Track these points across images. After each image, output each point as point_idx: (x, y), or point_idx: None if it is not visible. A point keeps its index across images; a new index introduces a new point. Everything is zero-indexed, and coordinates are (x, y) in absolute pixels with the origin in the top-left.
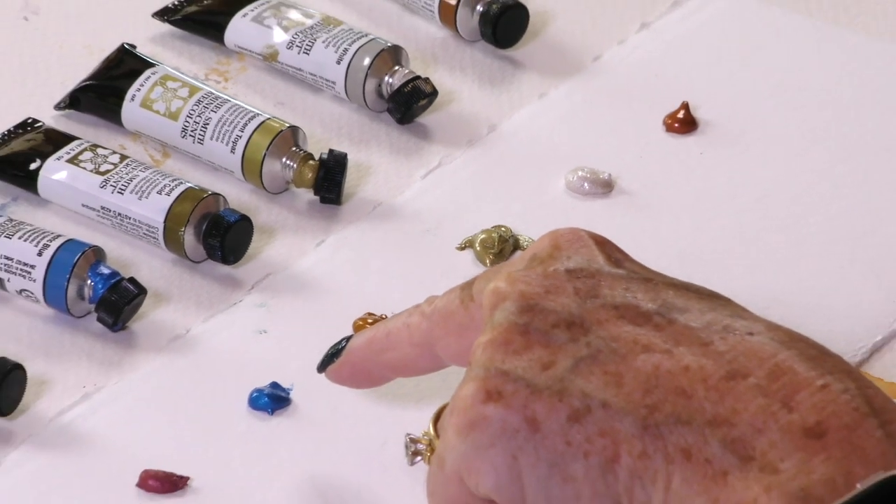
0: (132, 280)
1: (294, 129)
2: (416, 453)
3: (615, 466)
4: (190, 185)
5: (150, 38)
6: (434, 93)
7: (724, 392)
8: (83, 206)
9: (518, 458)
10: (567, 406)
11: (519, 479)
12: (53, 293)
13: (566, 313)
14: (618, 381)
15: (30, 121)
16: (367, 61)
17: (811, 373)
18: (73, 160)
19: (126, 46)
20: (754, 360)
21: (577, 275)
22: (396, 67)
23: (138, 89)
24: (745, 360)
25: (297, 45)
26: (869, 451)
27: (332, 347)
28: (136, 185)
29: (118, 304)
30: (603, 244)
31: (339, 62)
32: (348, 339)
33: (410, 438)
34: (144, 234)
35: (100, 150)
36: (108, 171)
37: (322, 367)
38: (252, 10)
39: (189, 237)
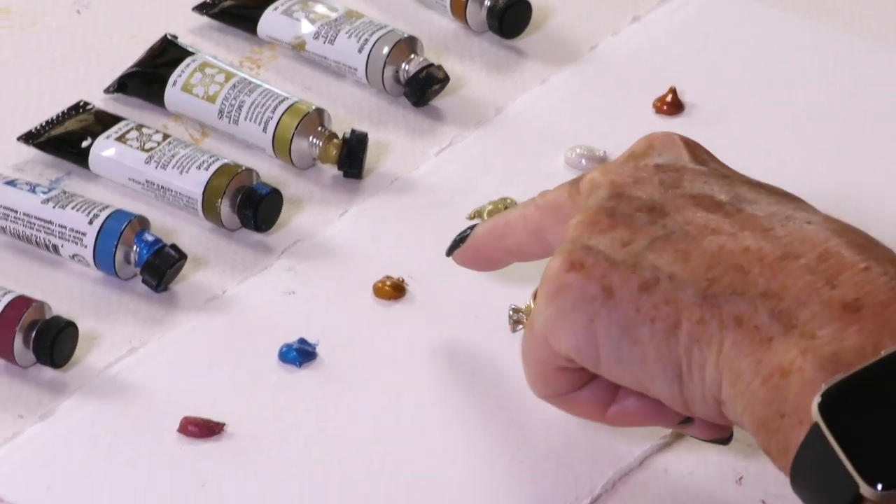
0: (174, 246)
1: (320, 111)
2: (517, 322)
3: (677, 331)
4: (226, 161)
5: (191, 29)
6: (446, 79)
7: (776, 270)
8: (129, 179)
9: (594, 322)
10: (639, 277)
11: (594, 341)
12: (103, 258)
13: (649, 200)
14: (686, 258)
15: (82, 103)
16: (385, 50)
17: (856, 257)
18: (121, 139)
19: (169, 37)
20: (807, 245)
21: (663, 169)
22: (412, 56)
23: (179, 75)
24: (799, 244)
25: (323, 36)
26: None
27: (459, 234)
28: (177, 161)
29: (161, 267)
30: (691, 146)
31: (360, 51)
32: (472, 227)
33: (513, 309)
34: (185, 205)
35: (145, 130)
36: (152, 149)
37: (450, 251)
38: (282, 5)
39: (225, 208)
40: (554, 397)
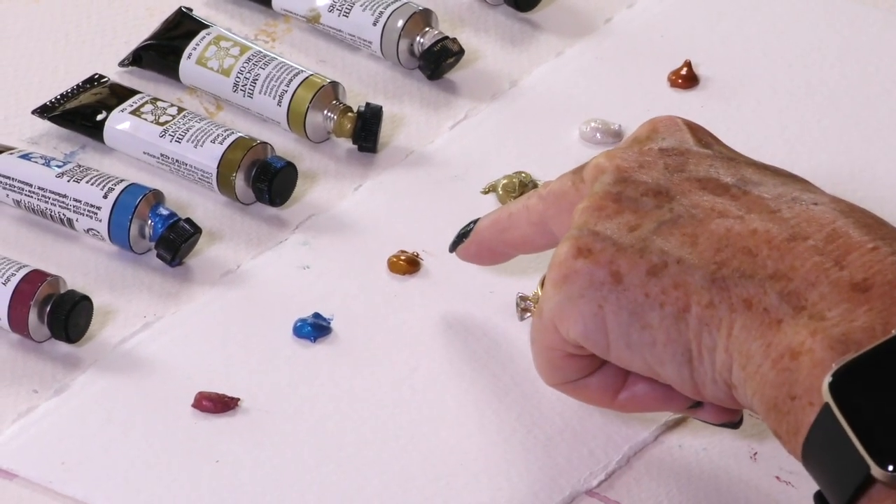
0: (188, 220)
1: (334, 85)
2: (524, 310)
3: (686, 315)
4: (240, 134)
5: (205, 2)
6: (461, 52)
7: (784, 251)
8: (144, 153)
9: (603, 308)
10: (647, 262)
11: (603, 326)
12: (117, 232)
13: (654, 184)
14: (693, 241)
15: (97, 76)
16: (400, 23)
17: (864, 237)
18: (136, 112)
19: (183, 10)
20: (815, 226)
21: (668, 153)
22: (427, 29)
23: (194, 48)
24: (807, 225)
25: (338, 9)
26: None
27: (462, 229)
28: (192, 135)
29: (176, 241)
30: (695, 129)
31: (375, 24)
32: (475, 221)
33: (521, 297)
34: (199, 178)
35: (159, 103)
36: (166, 122)
37: (453, 247)
38: None
39: (240, 182)
40: (563, 384)
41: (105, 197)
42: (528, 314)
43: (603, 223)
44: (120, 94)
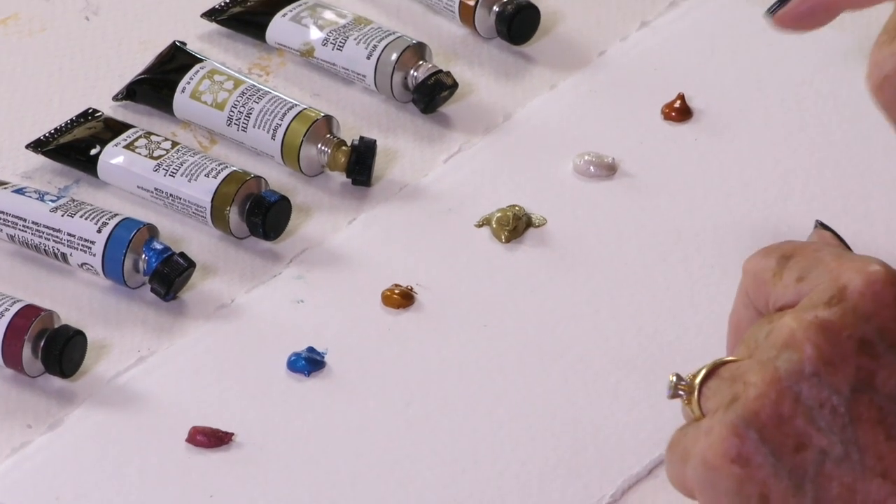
0: (182, 254)
1: (328, 118)
2: (676, 395)
3: None
4: (234, 168)
5: (199, 36)
6: (455, 85)
7: None
8: (138, 187)
9: None
10: (797, 502)
11: None
12: (111, 266)
13: (836, 395)
14: (849, 499)
15: (91, 110)
16: (394, 56)
17: None
18: (130, 146)
19: (177, 43)
20: None
21: (866, 350)
22: (421, 62)
23: (188, 82)
24: None
25: (332, 42)
26: None
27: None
28: (185, 169)
29: (170, 276)
30: None
31: (368, 57)
32: None
33: (676, 376)
34: (193, 212)
35: (153, 137)
36: (160, 156)
37: (774, 9)
38: (291, 11)
39: (234, 215)
40: None
41: (99, 231)
42: (678, 399)
43: (769, 427)
44: (114, 128)
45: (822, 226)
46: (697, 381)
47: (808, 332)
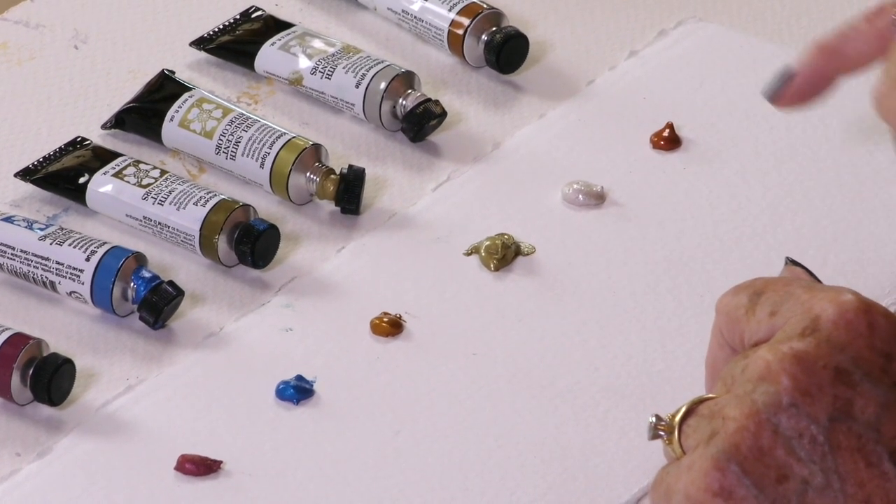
0: (171, 283)
1: (317, 147)
2: (656, 435)
3: None
4: (223, 196)
5: (188, 64)
6: (443, 114)
7: None
8: (127, 216)
9: None
10: None
11: None
12: (100, 295)
13: (815, 425)
14: None
15: (79, 139)
16: (382, 85)
17: None
18: (118, 175)
19: (166, 72)
20: None
21: (842, 378)
22: (409, 91)
23: (177, 111)
24: None
25: (320, 71)
26: None
27: (777, 74)
28: (174, 197)
29: (158, 304)
30: (882, 340)
31: (357, 86)
32: (785, 66)
33: (657, 417)
34: (182, 241)
35: (142, 166)
36: (149, 185)
37: (772, 91)
38: (280, 40)
39: (222, 244)
40: None
41: (87, 260)
42: (658, 439)
43: (751, 460)
44: (102, 156)
45: (791, 262)
46: (677, 420)
47: (784, 363)
